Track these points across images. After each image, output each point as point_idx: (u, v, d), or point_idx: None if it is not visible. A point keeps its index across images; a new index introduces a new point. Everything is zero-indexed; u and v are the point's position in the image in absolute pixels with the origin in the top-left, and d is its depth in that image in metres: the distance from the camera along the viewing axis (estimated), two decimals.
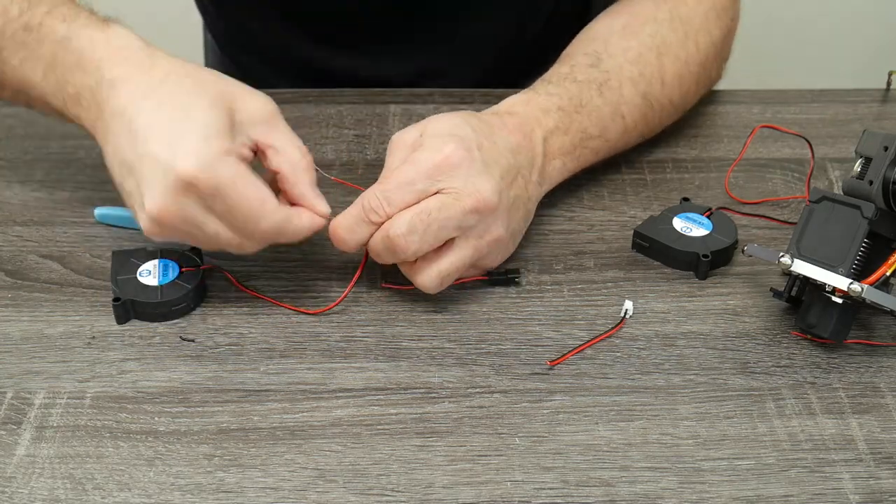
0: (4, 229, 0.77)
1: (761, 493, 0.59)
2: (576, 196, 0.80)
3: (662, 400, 0.65)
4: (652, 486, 0.60)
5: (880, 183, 0.65)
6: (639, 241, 0.76)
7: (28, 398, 0.64)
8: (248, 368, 0.67)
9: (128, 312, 0.69)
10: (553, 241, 0.77)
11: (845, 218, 0.66)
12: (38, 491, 0.59)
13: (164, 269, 0.71)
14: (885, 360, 0.68)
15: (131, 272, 0.71)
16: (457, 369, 0.67)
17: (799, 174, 0.83)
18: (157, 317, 0.70)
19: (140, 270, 0.71)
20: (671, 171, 0.84)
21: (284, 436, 0.62)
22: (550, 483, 0.60)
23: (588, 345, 0.68)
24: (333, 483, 0.60)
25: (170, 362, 0.67)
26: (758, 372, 0.67)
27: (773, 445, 0.62)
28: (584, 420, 0.64)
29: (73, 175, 0.82)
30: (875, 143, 0.66)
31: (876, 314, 0.70)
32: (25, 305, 0.71)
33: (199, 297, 0.71)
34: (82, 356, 0.67)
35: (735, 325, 0.70)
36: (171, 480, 0.60)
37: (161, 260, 0.72)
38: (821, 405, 0.65)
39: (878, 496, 0.59)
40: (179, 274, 0.71)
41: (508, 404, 0.64)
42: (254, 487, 0.59)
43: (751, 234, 0.77)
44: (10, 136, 0.87)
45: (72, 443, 0.62)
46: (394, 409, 0.64)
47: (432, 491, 0.59)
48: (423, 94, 0.92)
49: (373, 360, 0.67)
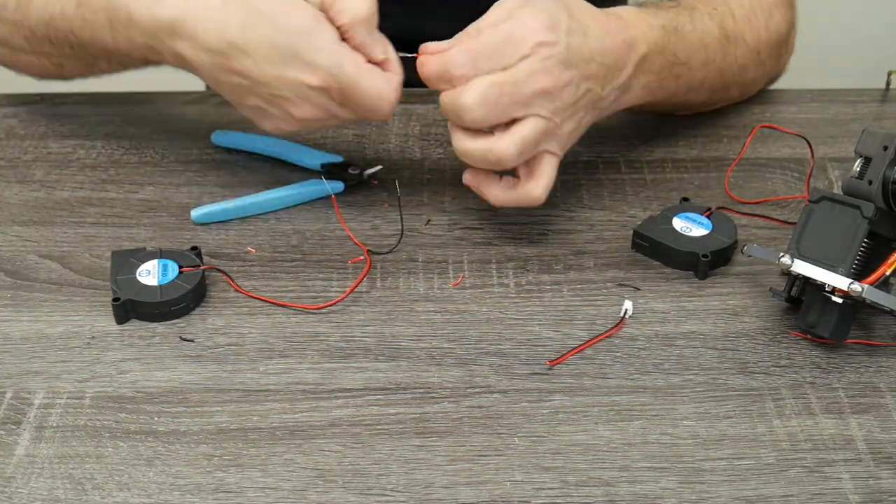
0: (4, 229, 0.77)
1: (761, 492, 0.59)
2: (576, 196, 0.80)
3: (662, 400, 0.65)
4: (651, 486, 0.60)
5: (880, 182, 0.65)
6: (638, 240, 0.76)
7: (27, 398, 0.64)
8: (247, 368, 0.66)
9: (127, 312, 0.69)
10: (553, 241, 0.77)
11: (845, 218, 0.66)
12: (37, 491, 0.59)
13: (163, 269, 0.71)
14: (884, 360, 0.68)
15: (131, 272, 0.71)
16: (456, 369, 0.67)
17: (799, 174, 0.83)
18: (156, 317, 0.70)
19: (139, 270, 0.71)
20: (671, 171, 0.84)
21: (284, 436, 0.62)
22: (550, 483, 0.60)
23: (587, 345, 0.68)
24: (333, 483, 0.60)
25: (169, 362, 0.67)
26: (757, 372, 0.67)
27: (772, 445, 0.62)
28: (584, 420, 0.63)
29: (73, 175, 0.82)
30: (874, 143, 0.66)
31: (875, 314, 0.70)
32: (25, 305, 0.71)
33: (199, 297, 0.71)
34: (82, 356, 0.67)
35: (734, 324, 0.70)
36: (171, 480, 0.60)
37: (161, 260, 0.72)
38: (820, 405, 0.65)
39: (878, 496, 0.59)
40: (179, 274, 0.71)
41: (508, 404, 0.64)
42: (253, 487, 0.59)
43: (750, 234, 0.77)
44: (10, 136, 0.87)
45: (71, 443, 0.62)
46: (393, 409, 0.64)
47: (432, 491, 0.59)
48: (422, 94, 0.92)
49: (372, 360, 0.67)
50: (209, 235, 0.76)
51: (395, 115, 0.89)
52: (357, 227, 0.77)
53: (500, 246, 0.76)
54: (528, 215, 0.78)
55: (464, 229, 0.78)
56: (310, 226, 0.78)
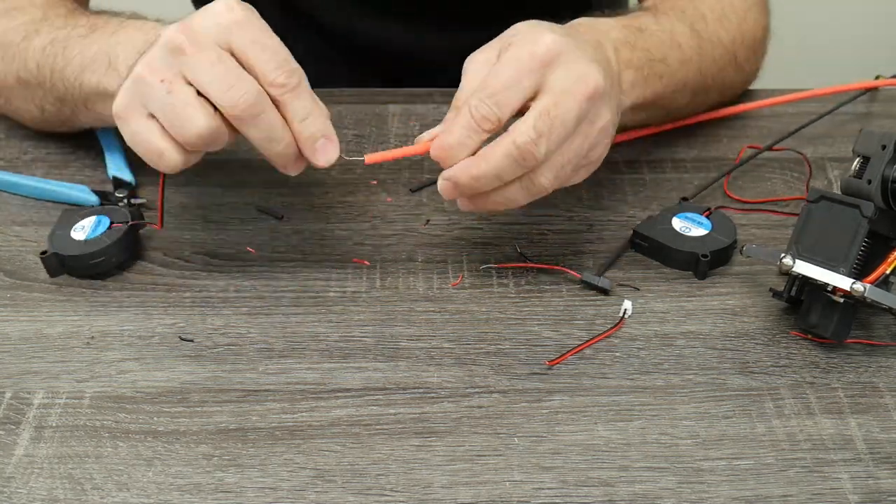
0: (4, 229, 0.77)
1: (760, 492, 0.59)
2: (575, 196, 0.80)
3: (661, 400, 0.65)
4: (651, 486, 0.60)
5: (879, 182, 0.65)
6: (638, 240, 0.76)
7: (27, 398, 0.64)
8: (246, 368, 0.66)
9: (58, 267, 0.71)
10: (552, 241, 0.77)
11: (845, 217, 0.66)
12: (36, 491, 0.59)
13: (96, 225, 0.72)
14: (883, 359, 0.68)
15: (67, 227, 0.72)
16: (455, 369, 0.67)
17: (798, 174, 0.83)
18: (81, 270, 0.70)
19: (76, 226, 0.72)
20: (670, 171, 0.84)
21: (283, 436, 0.62)
22: (549, 483, 0.60)
23: (587, 345, 0.68)
24: (332, 483, 0.60)
25: (169, 362, 0.67)
26: (757, 372, 0.67)
27: (771, 445, 0.62)
28: (583, 420, 0.63)
29: (73, 175, 0.82)
30: (873, 142, 0.66)
31: (875, 313, 0.70)
32: (24, 305, 0.71)
33: (126, 251, 0.72)
34: (81, 356, 0.67)
35: (734, 324, 0.70)
36: (170, 480, 0.60)
37: (99, 216, 0.72)
38: (820, 405, 0.65)
39: (877, 496, 0.59)
40: (108, 229, 0.71)
41: (507, 404, 0.64)
42: (253, 487, 0.59)
43: (750, 233, 0.77)
44: (10, 136, 0.87)
45: (70, 443, 0.62)
46: (392, 409, 0.64)
47: (431, 491, 0.59)
48: (422, 94, 0.92)
49: (371, 360, 0.67)
50: (209, 236, 0.76)
51: (395, 115, 0.89)
52: (357, 227, 0.77)
53: (500, 246, 0.76)
54: (527, 215, 0.78)
55: (463, 229, 0.78)
56: (310, 226, 0.78)
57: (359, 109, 0.90)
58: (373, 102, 0.91)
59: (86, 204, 0.78)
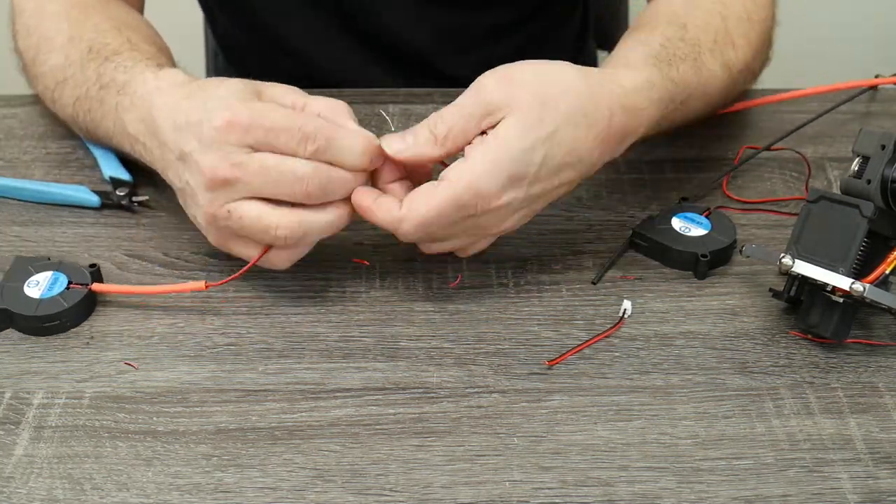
0: (4, 229, 0.77)
1: (760, 492, 0.59)
2: (575, 196, 0.80)
3: (661, 400, 0.65)
4: (650, 486, 0.60)
5: (878, 182, 0.65)
6: (637, 240, 0.76)
7: (26, 398, 0.64)
8: (246, 368, 0.67)
9: (6, 321, 0.68)
10: (552, 241, 0.77)
11: (844, 217, 0.66)
12: (36, 491, 0.59)
13: (52, 283, 0.69)
14: (883, 359, 0.68)
15: (20, 281, 0.69)
16: (455, 369, 0.67)
17: (798, 174, 0.83)
18: (31, 330, 0.67)
19: (29, 280, 0.69)
20: (670, 171, 0.84)
21: (283, 436, 0.62)
22: (549, 483, 0.60)
23: (587, 345, 0.68)
24: (332, 483, 0.60)
25: (168, 362, 0.67)
26: (756, 372, 0.67)
27: (771, 445, 0.62)
28: (583, 420, 0.64)
29: (73, 175, 0.82)
30: (872, 142, 0.66)
31: (875, 313, 0.70)
32: None
33: (82, 315, 0.69)
34: (81, 356, 0.67)
35: (733, 324, 0.70)
36: (170, 480, 0.60)
37: (56, 273, 0.70)
38: (819, 405, 0.65)
39: (877, 496, 0.59)
40: (66, 289, 0.68)
41: (507, 404, 0.64)
42: (252, 487, 0.59)
43: (750, 234, 0.77)
44: (9, 136, 0.87)
45: (70, 443, 0.62)
46: (392, 409, 0.64)
47: (431, 491, 0.59)
48: (421, 95, 0.92)
49: (371, 360, 0.67)
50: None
51: (395, 115, 0.89)
52: (357, 226, 0.77)
53: (500, 246, 0.76)
54: None
55: None
56: None
57: (359, 109, 0.89)
58: (373, 102, 0.91)
59: (87, 204, 0.78)
